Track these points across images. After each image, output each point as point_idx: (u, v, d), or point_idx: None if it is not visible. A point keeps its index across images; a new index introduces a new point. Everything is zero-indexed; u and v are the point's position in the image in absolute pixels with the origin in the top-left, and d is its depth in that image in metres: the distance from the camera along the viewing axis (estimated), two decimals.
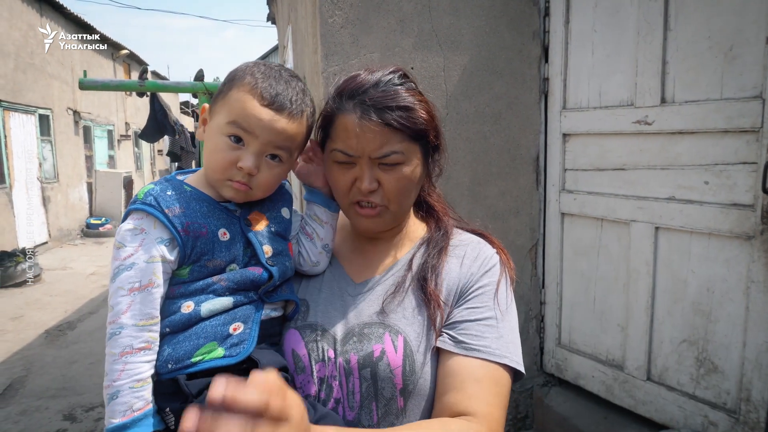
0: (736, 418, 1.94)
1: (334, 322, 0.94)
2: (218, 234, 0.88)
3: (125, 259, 0.83)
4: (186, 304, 0.85)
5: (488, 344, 0.90)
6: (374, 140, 0.88)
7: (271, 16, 8.35)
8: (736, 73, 1.87)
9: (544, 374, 2.76)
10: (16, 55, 9.09)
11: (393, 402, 0.89)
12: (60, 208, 10.75)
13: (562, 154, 2.55)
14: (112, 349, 0.81)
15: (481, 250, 0.99)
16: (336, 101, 0.93)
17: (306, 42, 2.86)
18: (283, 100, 0.87)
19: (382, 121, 0.87)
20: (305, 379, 0.91)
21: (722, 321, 1.99)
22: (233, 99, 0.87)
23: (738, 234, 1.90)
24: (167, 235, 0.84)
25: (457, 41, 2.42)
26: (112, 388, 0.79)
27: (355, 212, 0.94)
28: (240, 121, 0.86)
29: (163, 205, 0.84)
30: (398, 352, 0.89)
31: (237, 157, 0.86)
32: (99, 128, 13.54)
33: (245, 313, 0.88)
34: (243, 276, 0.88)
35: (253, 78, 0.87)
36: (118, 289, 0.82)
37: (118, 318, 0.81)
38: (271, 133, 0.86)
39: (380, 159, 0.89)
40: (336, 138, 0.91)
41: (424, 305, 0.93)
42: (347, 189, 0.92)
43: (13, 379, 4.24)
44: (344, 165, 0.92)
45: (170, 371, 0.82)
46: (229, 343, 0.85)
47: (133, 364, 0.80)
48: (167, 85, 3.88)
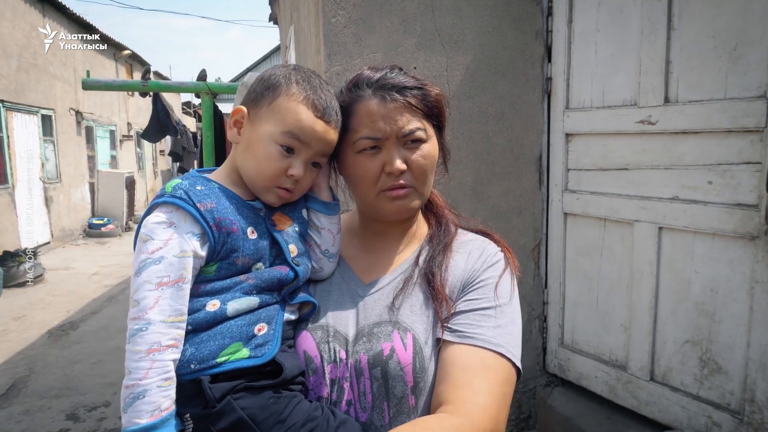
0: (740, 419, 1.94)
1: (344, 323, 0.94)
2: (247, 232, 0.87)
3: (153, 253, 0.80)
4: (211, 302, 0.83)
5: (483, 332, 0.88)
6: (400, 119, 0.91)
7: (273, 17, 8.35)
8: (740, 72, 1.87)
9: (547, 374, 2.76)
10: (19, 55, 9.12)
11: (404, 400, 0.88)
12: (62, 208, 10.77)
13: (565, 153, 2.54)
14: (137, 346, 0.76)
15: (485, 247, 1.01)
16: (352, 92, 0.95)
17: (309, 42, 2.86)
18: (332, 111, 0.90)
19: (403, 99, 0.91)
20: (317, 380, 0.91)
21: (726, 321, 1.98)
22: (285, 109, 0.88)
23: (742, 234, 1.90)
24: (198, 229, 0.83)
25: (460, 41, 2.42)
26: (139, 387, 0.75)
27: (385, 198, 0.94)
28: (296, 132, 0.87)
29: (195, 199, 0.83)
30: (408, 350, 0.88)
31: (288, 165, 0.88)
32: (101, 128, 13.56)
33: (269, 313, 0.87)
34: (270, 275, 0.88)
35: (301, 88, 0.89)
36: (144, 282, 0.79)
37: (144, 313, 0.77)
38: (322, 143, 0.90)
39: (407, 136, 0.92)
40: (358, 127, 0.93)
41: (432, 300, 0.93)
42: (376, 177, 0.93)
43: (15, 378, 4.25)
44: (370, 153, 0.93)
45: (193, 372, 0.80)
46: (253, 344, 0.84)
47: (161, 362, 0.76)
48: (170, 85, 3.88)
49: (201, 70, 3.33)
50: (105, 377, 4.25)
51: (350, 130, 0.94)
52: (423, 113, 0.94)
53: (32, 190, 9.57)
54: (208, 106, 3.46)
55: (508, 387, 0.86)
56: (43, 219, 9.89)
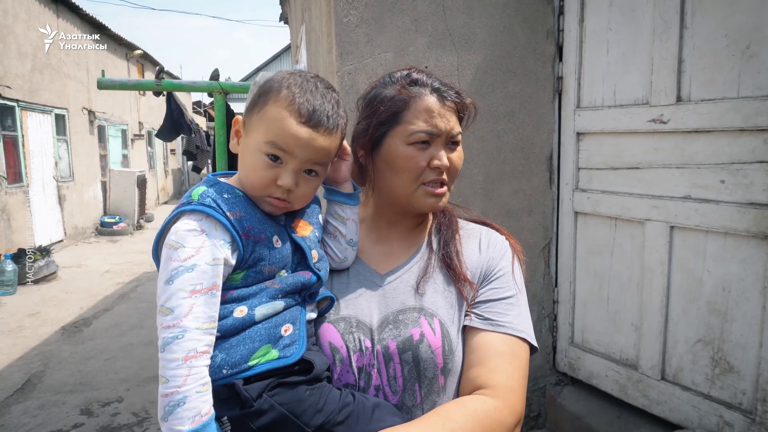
0: (753, 419, 1.93)
1: (366, 313, 0.98)
2: (273, 240, 0.89)
3: (185, 260, 0.80)
4: (239, 308, 0.84)
5: (511, 320, 0.98)
6: (452, 119, 0.99)
7: (283, 16, 8.39)
8: (753, 71, 1.86)
9: (557, 373, 2.76)
10: (33, 55, 9.23)
11: (435, 381, 0.95)
12: (75, 206, 10.89)
13: (576, 152, 2.54)
14: (173, 354, 0.76)
15: (492, 236, 1.09)
16: (411, 87, 0.99)
17: (320, 41, 2.88)
18: (320, 116, 0.86)
19: (453, 102, 0.99)
20: (344, 369, 0.94)
21: (738, 320, 1.97)
22: (270, 116, 0.85)
23: (755, 233, 1.89)
24: (228, 237, 0.83)
25: (471, 40, 2.43)
26: (179, 394, 0.75)
27: (425, 192, 0.99)
28: (278, 142, 0.85)
29: (224, 207, 0.84)
30: (437, 334, 0.95)
31: (276, 175, 0.86)
32: (113, 128, 13.70)
33: (293, 314, 0.89)
34: (295, 280, 0.90)
35: (290, 92, 0.86)
36: (178, 290, 0.79)
37: (180, 321, 0.78)
38: (309, 152, 0.86)
39: (453, 137, 0.99)
40: (415, 120, 0.97)
41: (453, 282, 1.01)
42: (422, 169, 0.98)
43: (31, 374, 4.31)
44: (421, 147, 0.97)
45: (225, 377, 0.81)
46: (281, 345, 0.85)
47: (198, 368, 0.77)
48: (183, 84, 3.92)
49: (214, 70, 3.36)
50: (117, 373, 4.31)
51: (404, 122, 0.98)
52: (460, 119, 1.02)
53: (46, 188, 9.69)
54: (221, 105, 3.49)
55: (528, 367, 0.99)
56: (56, 217, 10.01)
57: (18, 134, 8.78)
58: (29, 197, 8.95)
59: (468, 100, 1.04)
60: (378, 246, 1.08)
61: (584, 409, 2.52)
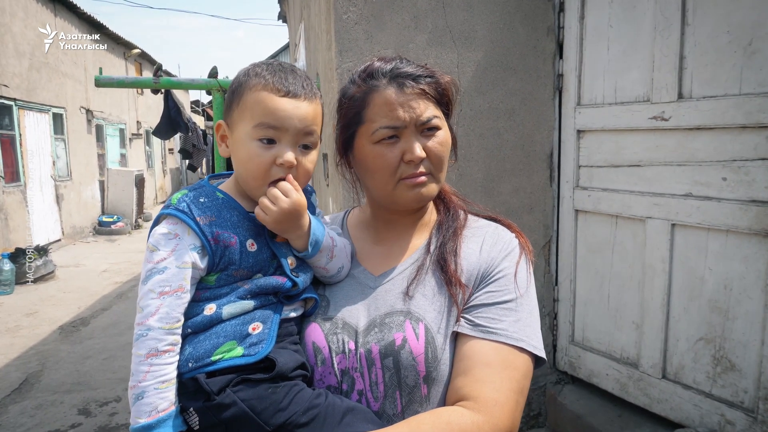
0: (754, 417, 1.92)
1: (354, 314, 0.95)
2: (246, 245, 0.89)
3: (158, 263, 0.84)
4: (209, 306, 0.87)
5: (505, 327, 0.89)
6: (418, 107, 0.92)
7: (282, 15, 8.38)
8: (755, 68, 1.85)
9: (557, 372, 2.75)
10: (31, 54, 9.20)
11: (417, 390, 0.88)
12: (73, 205, 10.86)
13: (577, 150, 2.53)
14: (138, 350, 0.82)
15: (499, 235, 1.00)
16: (366, 82, 0.95)
17: (319, 39, 2.87)
18: (296, 87, 0.88)
19: (419, 88, 0.92)
20: (326, 370, 0.92)
21: (740, 319, 1.97)
22: (251, 103, 0.88)
23: (757, 231, 1.88)
24: (199, 242, 0.86)
25: (471, 37, 2.42)
26: (138, 389, 0.81)
27: (405, 187, 0.94)
28: (267, 120, 0.86)
29: (195, 212, 0.86)
30: (420, 340, 0.88)
31: (273, 156, 0.87)
32: (111, 127, 13.67)
33: (264, 314, 0.89)
34: (266, 283, 0.90)
35: (261, 77, 0.88)
36: (149, 291, 0.83)
37: (146, 320, 0.82)
38: (298, 121, 0.88)
39: (425, 124, 0.93)
40: (376, 117, 0.93)
41: (445, 285, 0.93)
42: (395, 166, 0.93)
43: (28, 373, 4.29)
44: (388, 142, 0.93)
45: (190, 370, 0.84)
46: (248, 343, 0.86)
47: (158, 366, 0.81)
48: (181, 81, 3.90)
49: (212, 67, 3.34)
50: (115, 373, 4.29)
51: (366, 121, 0.94)
52: (436, 101, 0.95)
53: (43, 187, 9.66)
54: (219, 103, 3.47)
55: (526, 381, 0.88)
56: (54, 216, 9.98)
57: (15, 133, 8.76)
58: (27, 196, 8.92)
59: (445, 78, 0.96)
60: (377, 247, 1.04)
61: (585, 408, 2.51)
